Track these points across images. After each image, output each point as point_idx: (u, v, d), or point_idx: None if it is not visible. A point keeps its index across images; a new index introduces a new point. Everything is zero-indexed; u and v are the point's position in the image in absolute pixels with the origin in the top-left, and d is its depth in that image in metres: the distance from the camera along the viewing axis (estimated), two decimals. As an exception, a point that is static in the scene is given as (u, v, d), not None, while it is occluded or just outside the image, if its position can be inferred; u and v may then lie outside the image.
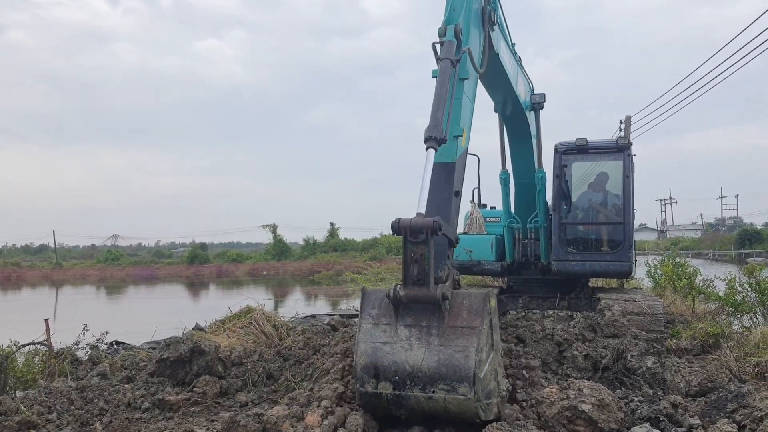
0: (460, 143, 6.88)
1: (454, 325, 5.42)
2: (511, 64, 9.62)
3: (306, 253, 68.79)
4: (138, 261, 73.62)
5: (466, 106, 7.19)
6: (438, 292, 5.38)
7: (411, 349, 5.42)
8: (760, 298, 10.68)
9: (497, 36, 8.46)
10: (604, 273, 11.63)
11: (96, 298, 36.85)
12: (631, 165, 11.16)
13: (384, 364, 5.48)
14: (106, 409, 6.73)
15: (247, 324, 10.02)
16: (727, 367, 7.55)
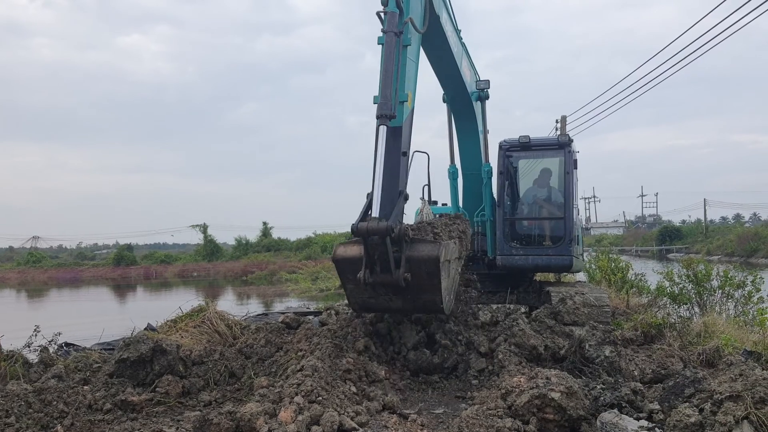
0: (406, 107, 7.49)
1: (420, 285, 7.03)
2: (455, 41, 9.90)
3: (238, 253, 67.80)
4: (61, 263, 70.94)
5: (411, 68, 7.73)
6: (399, 278, 6.87)
7: (392, 301, 7.33)
8: (697, 289, 11.21)
9: (439, 2, 8.80)
10: (546, 267, 11.76)
11: (21, 302, 35.33)
12: (571, 161, 11.39)
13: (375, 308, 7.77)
14: (67, 412, 6.51)
15: (200, 323, 9.83)
16: (676, 356, 7.93)
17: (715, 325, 9.52)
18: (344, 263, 7.32)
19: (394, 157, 7.22)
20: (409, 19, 7.35)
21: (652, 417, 6.03)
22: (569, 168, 11.27)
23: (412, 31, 7.57)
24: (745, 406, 5.43)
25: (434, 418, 6.56)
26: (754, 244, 56.45)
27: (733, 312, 11.28)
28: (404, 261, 6.90)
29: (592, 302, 10.03)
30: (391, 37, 7.19)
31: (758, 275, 11.43)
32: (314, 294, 28.37)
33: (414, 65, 7.83)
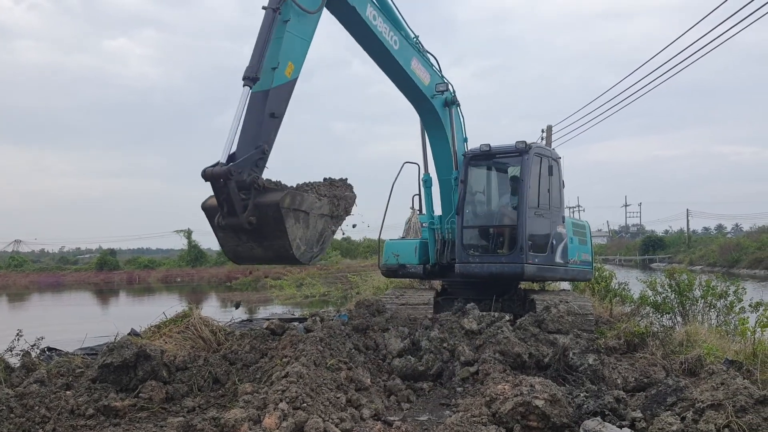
0: (281, 74, 8.19)
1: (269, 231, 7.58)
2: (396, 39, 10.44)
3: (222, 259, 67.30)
4: (43, 267, 70.22)
5: (292, 41, 8.41)
6: (244, 221, 7.41)
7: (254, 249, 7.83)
8: (679, 299, 11.31)
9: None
10: (499, 275, 11.48)
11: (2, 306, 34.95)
12: (528, 168, 11.24)
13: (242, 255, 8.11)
14: (49, 417, 6.45)
15: (184, 329, 9.79)
16: (658, 364, 7.99)
17: (697, 334, 9.61)
18: (210, 211, 7.92)
19: (257, 116, 7.93)
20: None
21: (635, 425, 6.08)
22: (525, 175, 11.21)
23: (297, 10, 8.36)
24: (726, 414, 5.50)
25: (419, 425, 6.57)
26: (735, 254, 57.00)
27: (715, 321, 11.38)
28: (251, 206, 7.50)
29: (576, 311, 10.14)
30: (269, 13, 8.09)
31: (740, 285, 11.54)
32: (299, 300, 28.27)
33: (298, 39, 8.52)
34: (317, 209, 8.25)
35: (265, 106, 7.99)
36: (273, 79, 8.10)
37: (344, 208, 8.87)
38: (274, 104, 8.14)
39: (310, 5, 8.59)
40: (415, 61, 10.93)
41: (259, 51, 7.94)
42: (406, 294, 11.67)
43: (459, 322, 9.24)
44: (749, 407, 5.56)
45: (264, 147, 7.92)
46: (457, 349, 8.45)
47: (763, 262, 51.50)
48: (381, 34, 10.13)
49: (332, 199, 8.63)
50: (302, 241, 7.95)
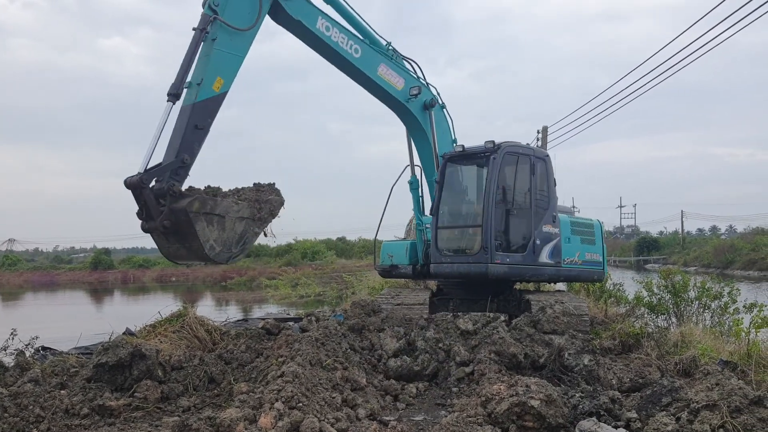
0: (208, 88, 8.82)
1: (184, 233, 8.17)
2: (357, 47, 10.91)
3: (218, 258, 67.22)
4: (37, 266, 70.04)
5: (222, 58, 9.04)
6: (158, 224, 8.04)
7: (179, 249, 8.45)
8: (674, 300, 11.35)
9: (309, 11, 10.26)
10: (466, 274, 11.54)
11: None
12: (498, 168, 11.20)
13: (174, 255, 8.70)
14: (43, 416, 6.43)
15: (180, 328, 9.77)
16: (653, 365, 8.02)
17: (691, 335, 9.65)
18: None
19: (182, 128, 8.62)
20: (212, 18, 8.88)
21: (630, 425, 6.09)
22: (492, 175, 11.21)
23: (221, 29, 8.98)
24: (721, 415, 5.52)
25: (414, 425, 6.57)
26: (729, 255, 57.24)
27: (709, 322, 11.44)
28: (167, 211, 8.10)
29: (571, 311, 10.15)
30: (196, 33, 8.87)
31: (735, 287, 11.59)
32: (294, 300, 28.27)
33: (227, 55, 9.16)
34: (234, 213, 8.68)
35: (189, 120, 8.64)
36: (198, 94, 8.76)
37: (268, 211, 9.09)
38: (198, 117, 8.77)
39: (240, 23, 9.22)
40: (383, 68, 11.25)
41: (183, 69, 8.69)
42: (401, 294, 11.69)
43: (454, 322, 9.24)
44: (744, 408, 5.58)
45: (184, 157, 8.54)
46: (453, 349, 8.46)
47: (757, 264, 51.76)
48: (337, 45, 10.63)
49: (253, 203, 8.96)
50: (217, 242, 8.48)
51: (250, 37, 9.48)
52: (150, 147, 8.40)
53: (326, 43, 10.49)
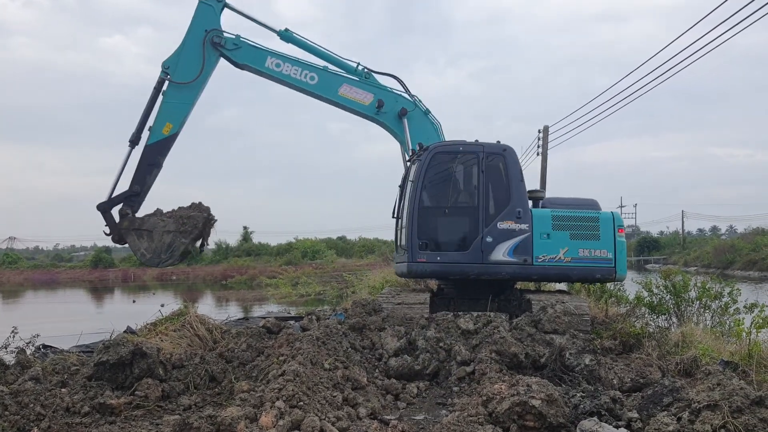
0: (158, 132, 11.78)
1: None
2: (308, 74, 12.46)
3: (218, 257, 67.42)
4: (37, 265, 70.08)
5: (170, 107, 11.81)
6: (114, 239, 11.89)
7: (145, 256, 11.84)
8: (675, 300, 11.33)
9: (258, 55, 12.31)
10: (400, 273, 12.30)
11: None
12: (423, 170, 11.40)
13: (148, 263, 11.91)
14: (44, 414, 6.44)
15: (180, 327, 9.79)
16: (654, 365, 8.01)
17: (692, 335, 9.63)
18: None
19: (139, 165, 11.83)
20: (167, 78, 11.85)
21: (631, 425, 6.08)
22: (418, 176, 11.40)
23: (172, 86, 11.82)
24: (723, 415, 5.52)
25: (415, 424, 6.57)
26: (730, 256, 57.25)
27: (710, 323, 11.42)
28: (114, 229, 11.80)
29: (572, 311, 10.13)
30: (153, 91, 11.85)
31: (735, 287, 11.58)
32: (294, 299, 28.29)
33: (175, 104, 11.86)
34: (161, 227, 11.44)
35: (142, 158, 11.72)
36: (150, 137, 11.71)
37: (192, 225, 11.47)
38: (150, 156, 11.74)
39: (188, 78, 11.82)
40: (345, 87, 12.47)
41: (141, 119, 11.81)
42: (402, 293, 11.67)
43: (455, 321, 9.24)
44: (745, 408, 5.58)
45: (136, 188, 11.74)
46: (454, 348, 8.45)
47: (757, 264, 51.76)
48: (289, 77, 12.31)
49: (179, 219, 11.41)
50: (147, 251, 11.52)
51: (197, 87, 11.92)
52: (114, 180, 11.67)
53: (279, 78, 12.28)
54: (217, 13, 12.22)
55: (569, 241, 11.50)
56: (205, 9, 12.15)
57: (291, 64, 12.29)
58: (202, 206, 11.67)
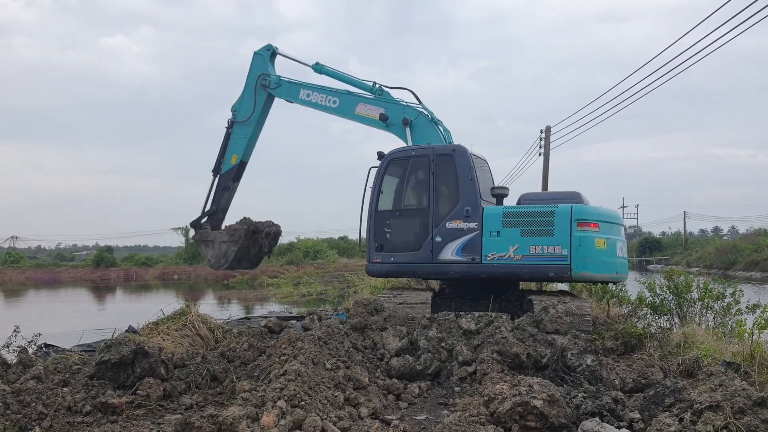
0: (228, 163, 14.64)
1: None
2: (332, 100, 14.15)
3: (219, 257, 67.18)
4: (39, 264, 70.07)
5: (235, 142, 14.64)
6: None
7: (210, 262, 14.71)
8: (677, 300, 11.32)
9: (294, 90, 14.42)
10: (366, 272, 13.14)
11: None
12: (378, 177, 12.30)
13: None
14: (46, 413, 6.44)
15: (182, 326, 9.78)
16: (656, 366, 7.99)
17: (694, 335, 9.62)
18: None
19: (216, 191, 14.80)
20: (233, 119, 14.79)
21: (633, 426, 6.08)
22: (374, 181, 12.31)
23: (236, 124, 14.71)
24: (725, 416, 5.51)
25: (416, 424, 6.56)
26: (732, 256, 57.17)
27: (712, 323, 11.40)
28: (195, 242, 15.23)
29: (574, 311, 10.11)
30: (226, 131, 14.78)
31: (737, 287, 11.56)
32: (296, 299, 28.28)
33: (238, 139, 14.62)
34: (219, 238, 14.14)
35: (218, 184, 14.67)
36: (223, 167, 14.63)
37: (237, 235, 13.88)
38: (222, 182, 14.66)
39: (243, 117, 14.53)
40: (361, 106, 13.85)
41: (219, 153, 14.68)
42: (403, 293, 11.69)
43: (457, 321, 9.24)
44: (747, 409, 5.57)
45: (213, 208, 14.64)
46: (455, 348, 8.45)
47: (759, 265, 51.68)
48: (317, 104, 14.21)
49: (229, 230, 14.04)
50: (211, 257, 14.30)
51: (252, 124, 14.51)
52: (204, 202, 14.70)
53: (309, 105, 14.32)
54: (266, 59, 14.69)
55: (520, 239, 11.11)
56: (257, 58, 14.70)
57: (318, 93, 14.26)
58: (245, 221, 14.20)
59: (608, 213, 11.53)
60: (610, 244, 10.97)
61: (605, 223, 11.11)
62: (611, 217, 11.46)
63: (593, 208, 11.35)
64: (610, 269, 11.05)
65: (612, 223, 11.35)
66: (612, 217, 11.50)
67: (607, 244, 10.92)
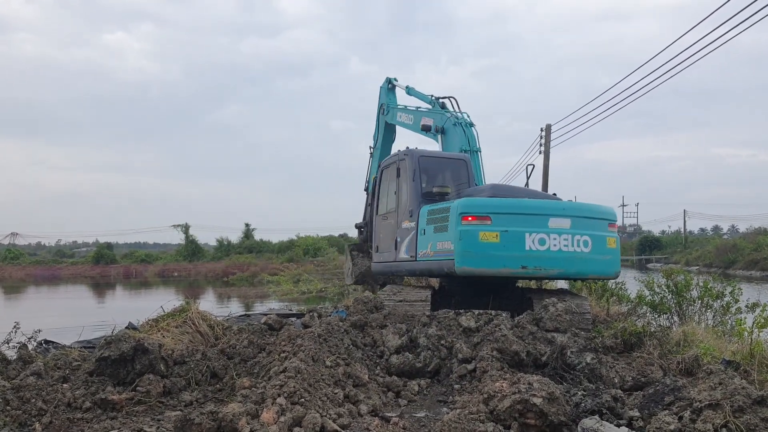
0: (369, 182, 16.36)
1: None
2: (409, 117, 16.09)
3: (220, 254, 67.46)
4: (39, 260, 70.16)
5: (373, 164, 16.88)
6: None
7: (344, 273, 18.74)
8: (677, 299, 11.33)
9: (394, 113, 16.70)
10: None
11: None
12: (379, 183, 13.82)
13: None
14: (45, 410, 6.45)
15: (182, 323, 9.79)
16: (656, 364, 8.00)
17: (694, 334, 9.61)
18: None
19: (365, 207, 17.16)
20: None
21: (632, 424, 6.08)
22: (374, 187, 14.24)
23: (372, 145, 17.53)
24: (724, 414, 5.51)
25: (416, 421, 6.57)
26: (732, 255, 57.22)
27: (711, 322, 11.40)
28: None
29: (573, 309, 10.11)
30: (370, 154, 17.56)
31: (737, 286, 11.56)
32: (296, 296, 28.30)
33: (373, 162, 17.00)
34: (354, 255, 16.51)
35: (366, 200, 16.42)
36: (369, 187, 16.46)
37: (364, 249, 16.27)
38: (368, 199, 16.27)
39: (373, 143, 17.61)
40: (423, 120, 15.32)
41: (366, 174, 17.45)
42: (403, 291, 11.70)
43: (457, 319, 9.24)
44: (747, 407, 5.57)
45: (361, 222, 16.57)
46: (455, 346, 8.45)
47: (759, 264, 51.74)
48: (404, 123, 16.16)
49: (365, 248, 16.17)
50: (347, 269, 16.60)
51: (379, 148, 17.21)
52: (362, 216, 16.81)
53: (399, 124, 16.43)
54: (386, 91, 17.28)
55: (433, 235, 11.16)
56: (380, 90, 17.40)
57: (403, 113, 16.35)
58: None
59: (519, 204, 10.91)
60: (510, 237, 10.40)
61: (513, 216, 10.56)
62: (525, 209, 10.76)
63: (487, 200, 10.97)
64: (504, 264, 10.46)
65: (528, 215, 10.66)
66: (528, 208, 10.77)
67: (506, 237, 10.39)
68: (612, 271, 11.34)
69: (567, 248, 10.59)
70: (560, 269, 10.75)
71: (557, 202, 11.36)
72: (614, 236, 11.30)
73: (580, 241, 10.69)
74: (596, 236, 10.87)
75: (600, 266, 11.04)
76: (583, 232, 10.73)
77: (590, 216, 11.04)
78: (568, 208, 10.95)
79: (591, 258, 10.82)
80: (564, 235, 10.58)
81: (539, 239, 10.47)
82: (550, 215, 10.66)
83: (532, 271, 10.61)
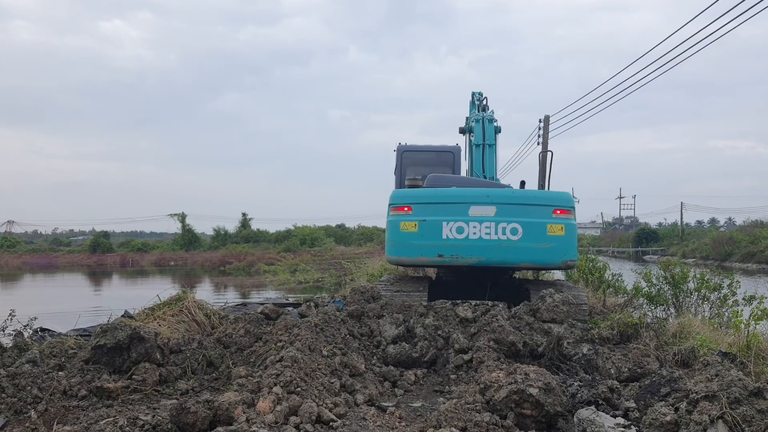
0: None
1: None
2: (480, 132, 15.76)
3: (216, 243, 67.43)
4: (36, 248, 70.05)
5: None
6: None
7: None
8: (673, 291, 11.33)
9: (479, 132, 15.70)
10: None
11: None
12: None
13: None
14: (41, 397, 6.43)
15: (178, 312, 9.78)
16: (652, 355, 8.01)
17: (690, 326, 9.62)
18: None
19: None
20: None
21: (628, 415, 6.09)
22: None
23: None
24: (721, 405, 5.51)
25: (412, 411, 6.57)
26: (728, 248, 57.30)
27: (708, 314, 11.41)
28: None
29: (570, 300, 10.11)
30: None
31: (734, 279, 11.57)
32: (293, 286, 28.30)
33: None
34: None
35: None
36: None
37: None
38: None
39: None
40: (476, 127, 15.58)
41: None
42: (400, 281, 11.69)
43: (453, 309, 9.24)
44: (743, 399, 5.57)
45: None
46: (452, 336, 8.45)
47: (756, 256, 51.82)
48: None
49: None
50: None
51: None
52: None
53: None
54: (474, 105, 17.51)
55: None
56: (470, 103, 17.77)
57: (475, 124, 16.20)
58: None
59: (439, 193, 10.89)
60: (428, 226, 10.47)
61: (432, 205, 10.59)
62: (445, 197, 10.73)
63: (409, 191, 11.05)
64: (421, 252, 10.56)
65: (448, 204, 10.63)
66: (448, 197, 10.73)
67: (423, 226, 10.46)
68: (556, 259, 10.74)
69: (489, 236, 10.44)
70: (479, 257, 10.52)
71: (480, 190, 11.10)
72: (561, 223, 10.70)
73: (507, 229, 10.46)
74: (530, 223, 10.51)
75: (535, 255, 10.57)
76: (511, 220, 10.49)
77: (523, 203, 10.74)
78: (493, 196, 10.70)
79: (521, 246, 10.48)
80: (486, 223, 10.44)
81: (457, 228, 10.43)
82: (471, 203, 10.54)
83: (449, 259, 10.53)
